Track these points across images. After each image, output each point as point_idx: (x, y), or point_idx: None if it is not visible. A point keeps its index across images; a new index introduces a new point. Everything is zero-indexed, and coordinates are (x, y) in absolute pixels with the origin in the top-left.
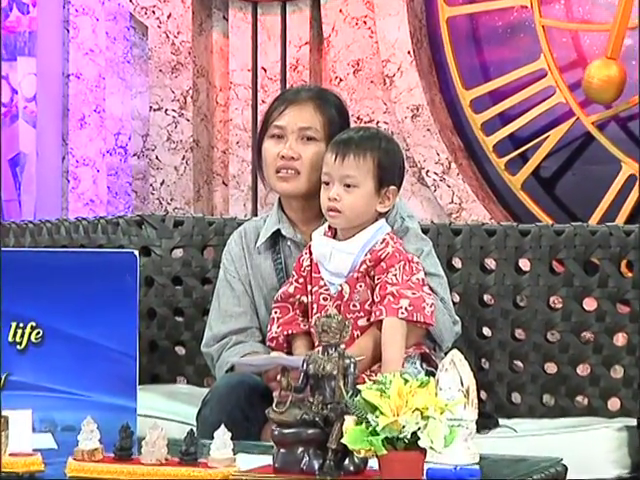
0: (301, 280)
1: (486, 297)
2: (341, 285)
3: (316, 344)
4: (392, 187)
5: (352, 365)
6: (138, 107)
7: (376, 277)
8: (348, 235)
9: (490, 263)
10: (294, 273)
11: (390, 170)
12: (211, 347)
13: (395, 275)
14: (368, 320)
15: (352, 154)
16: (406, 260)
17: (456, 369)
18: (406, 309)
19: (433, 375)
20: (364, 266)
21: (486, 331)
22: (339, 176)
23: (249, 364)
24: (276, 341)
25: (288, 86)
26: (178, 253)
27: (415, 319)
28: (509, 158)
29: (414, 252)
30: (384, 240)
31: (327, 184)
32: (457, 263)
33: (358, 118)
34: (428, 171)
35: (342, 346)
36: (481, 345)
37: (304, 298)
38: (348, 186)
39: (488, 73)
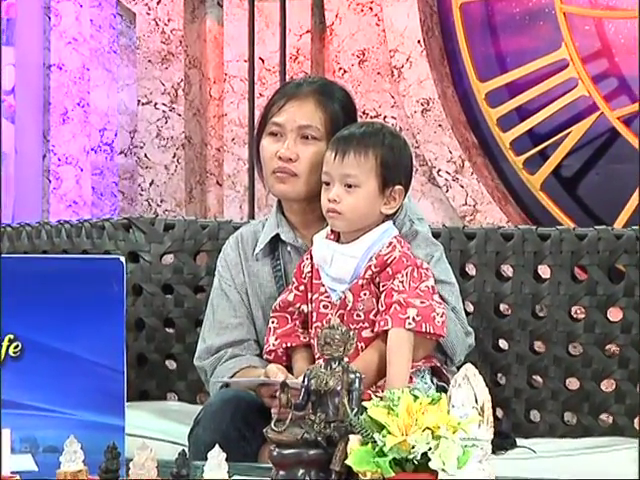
0: (302, 287)
1: (502, 307)
2: (344, 292)
3: (316, 357)
4: (398, 187)
5: (357, 380)
6: (125, 101)
7: (381, 284)
8: (351, 238)
9: (507, 270)
10: (294, 280)
11: (395, 168)
12: (205, 360)
13: (402, 282)
14: (373, 331)
15: (352, 151)
16: (414, 266)
17: (470, 384)
18: (414, 319)
19: (445, 391)
20: (369, 272)
21: (502, 343)
22: (339, 175)
23: (244, 383)
24: (274, 354)
25: (288, 78)
26: (168, 259)
27: (424, 330)
28: (527, 156)
29: (424, 257)
30: (390, 244)
31: (327, 184)
32: (471, 270)
33: (364, 112)
34: (440, 170)
35: (346, 360)
36: (497, 359)
37: (304, 307)
38: (349, 186)
39: (505, 64)
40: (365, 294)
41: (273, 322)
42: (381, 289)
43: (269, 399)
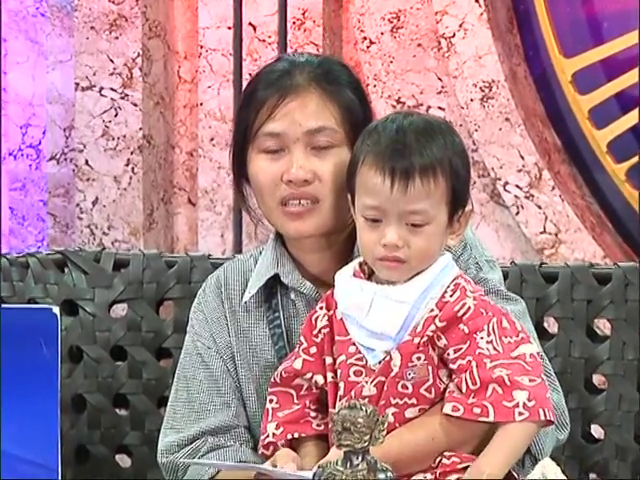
0: (314, 350)
1: (596, 378)
2: (387, 353)
3: (332, 448)
4: (467, 208)
5: None
6: (57, 85)
7: (453, 349)
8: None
9: (602, 326)
10: (302, 340)
11: (464, 184)
12: (175, 454)
13: (491, 342)
14: (422, 411)
15: (419, 177)
16: (499, 314)
17: None
18: (525, 406)
19: None
20: (432, 327)
21: (596, 431)
22: (400, 212)
23: (236, 469)
24: (273, 448)
25: (290, 52)
26: (120, 310)
27: (541, 418)
28: (632, 163)
29: None
30: (457, 286)
31: (376, 221)
32: (551, 325)
33: (398, 101)
34: (507, 183)
35: (372, 450)
36: (589, 452)
37: (319, 378)
38: (414, 225)
39: (599, 32)
40: (419, 358)
41: (272, 401)
42: (452, 355)
43: None
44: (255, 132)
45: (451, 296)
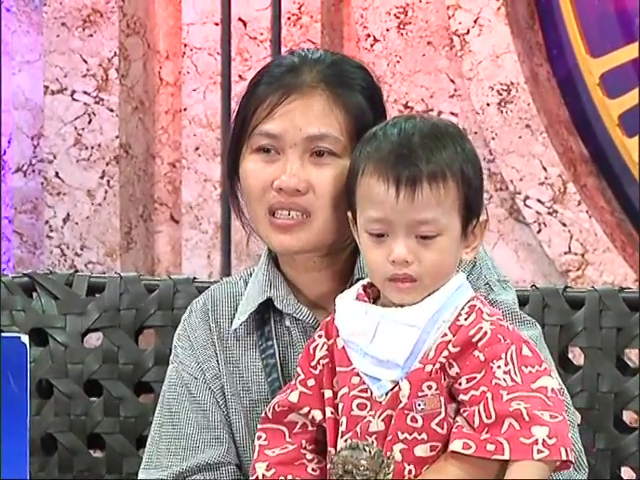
0: (311, 382)
1: (627, 415)
2: (396, 383)
3: None
4: (482, 218)
5: None
6: (25, 88)
7: (465, 377)
8: None
9: (635, 357)
10: (299, 371)
11: (477, 192)
12: None
13: (509, 372)
14: (433, 448)
15: (427, 183)
16: (519, 341)
17: None
18: (545, 443)
19: None
20: (445, 353)
21: (628, 474)
22: (408, 223)
23: None
24: None
25: (284, 52)
26: (94, 340)
27: (563, 458)
28: None
29: None
30: (472, 308)
31: (381, 236)
32: (577, 357)
33: (406, 106)
34: (528, 198)
35: None
36: None
37: (317, 413)
38: (425, 237)
39: (630, 29)
40: (430, 387)
41: (260, 437)
42: (465, 385)
43: None
44: (251, 130)
45: (466, 319)
